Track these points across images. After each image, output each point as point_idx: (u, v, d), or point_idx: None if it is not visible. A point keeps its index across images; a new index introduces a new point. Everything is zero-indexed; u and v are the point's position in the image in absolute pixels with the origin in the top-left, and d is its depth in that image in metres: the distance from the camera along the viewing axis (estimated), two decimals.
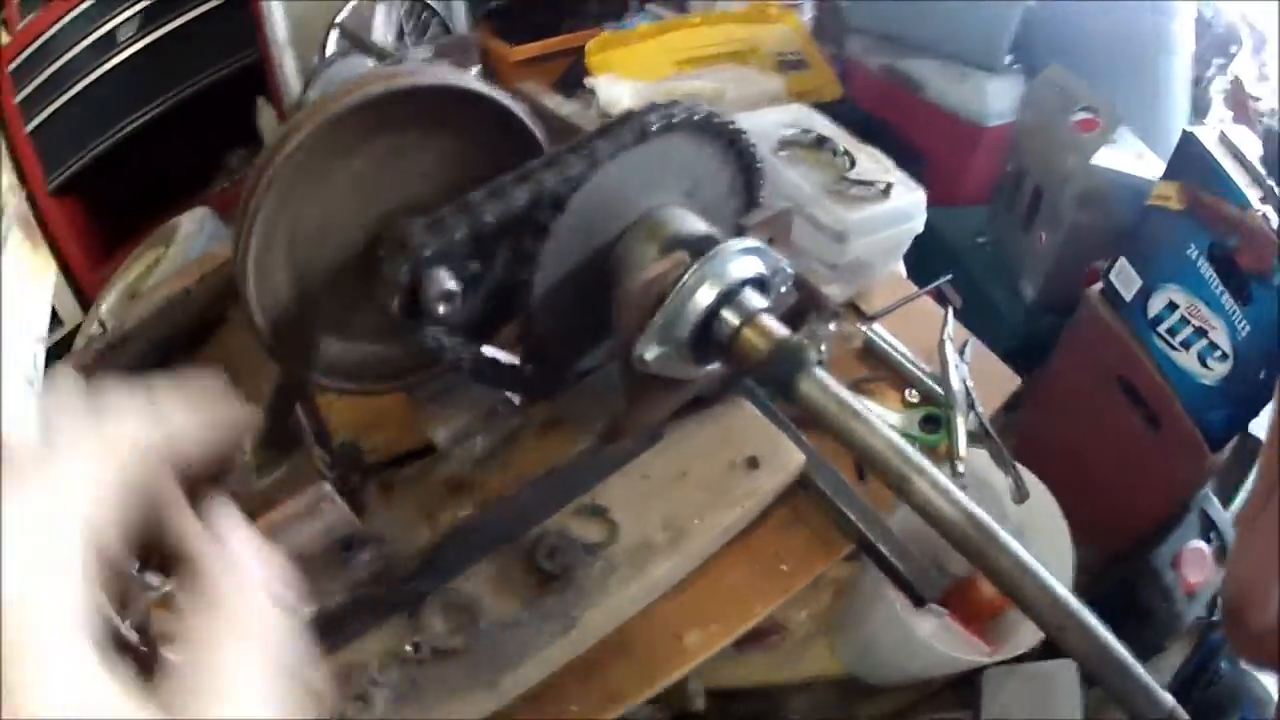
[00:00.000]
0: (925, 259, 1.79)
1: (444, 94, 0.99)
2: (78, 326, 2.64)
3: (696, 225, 1.03)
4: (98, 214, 4.33)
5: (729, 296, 0.96)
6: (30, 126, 3.93)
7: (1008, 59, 2.80)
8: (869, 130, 1.80)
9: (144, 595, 1.08)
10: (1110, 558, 2.09)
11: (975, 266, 2.64)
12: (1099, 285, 2.23)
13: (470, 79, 1.01)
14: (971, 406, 1.46)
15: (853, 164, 1.55)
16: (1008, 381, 1.61)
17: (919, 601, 1.28)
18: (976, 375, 1.51)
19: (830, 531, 1.29)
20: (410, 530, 1.17)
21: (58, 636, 0.40)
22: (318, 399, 1.55)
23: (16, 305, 1.61)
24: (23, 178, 3.95)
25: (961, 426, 1.42)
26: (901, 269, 1.75)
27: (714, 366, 1.05)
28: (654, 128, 0.99)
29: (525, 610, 1.11)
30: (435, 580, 1.15)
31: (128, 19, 4.02)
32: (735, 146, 1.08)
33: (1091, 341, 2.28)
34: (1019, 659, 1.63)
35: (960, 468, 1.37)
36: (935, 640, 1.57)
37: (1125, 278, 2.13)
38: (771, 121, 1.62)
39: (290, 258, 1.02)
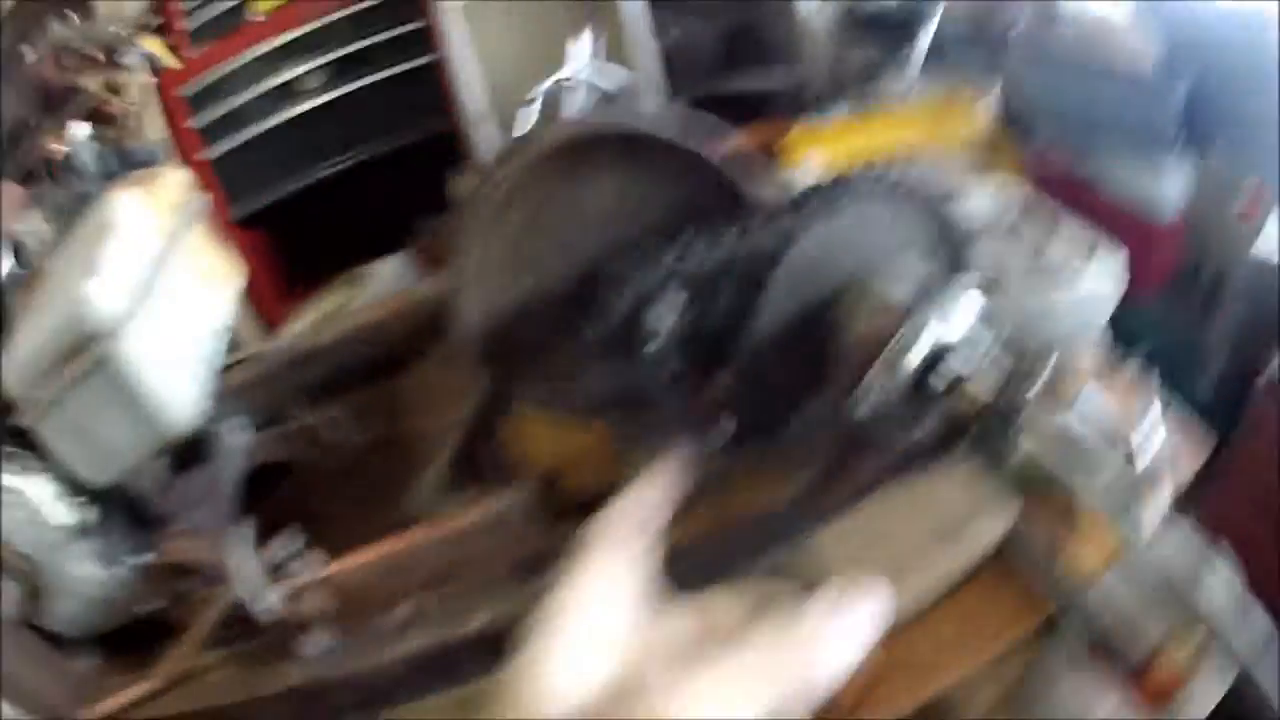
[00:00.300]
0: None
1: (671, 148, 1.02)
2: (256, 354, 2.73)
3: (904, 289, 1.03)
4: (284, 251, 4.51)
5: (943, 356, 0.95)
6: (209, 155, 4.12)
7: (1177, 142, 2.67)
8: None
9: (302, 574, 1.13)
10: None
11: (1164, 372, 2.53)
12: (1268, 378, 2.21)
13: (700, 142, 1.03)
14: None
15: (1048, 246, 1.54)
16: (1205, 441, 1.70)
17: (1125, 664, 1.25)
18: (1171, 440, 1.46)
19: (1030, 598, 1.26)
20: None
21: None
22: (520, 433, 1.60)
23: (194, 288, 1.72)
24: None
25: (1153, 499, 1.38)
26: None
27: (925, 426, 1.04)
28: (843, 199, 1.00)
29: None
30: None
31: (313, 70, 4.18)
32: (932, 208, 1.08)
33: (1268, 436, 2.24)
34: None
35: None
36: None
37: None
38: (967, 206, 1.61)
39: (504, 293, 1.05)
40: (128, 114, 4.09)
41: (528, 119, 3.25)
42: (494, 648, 1.24)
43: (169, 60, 4.18)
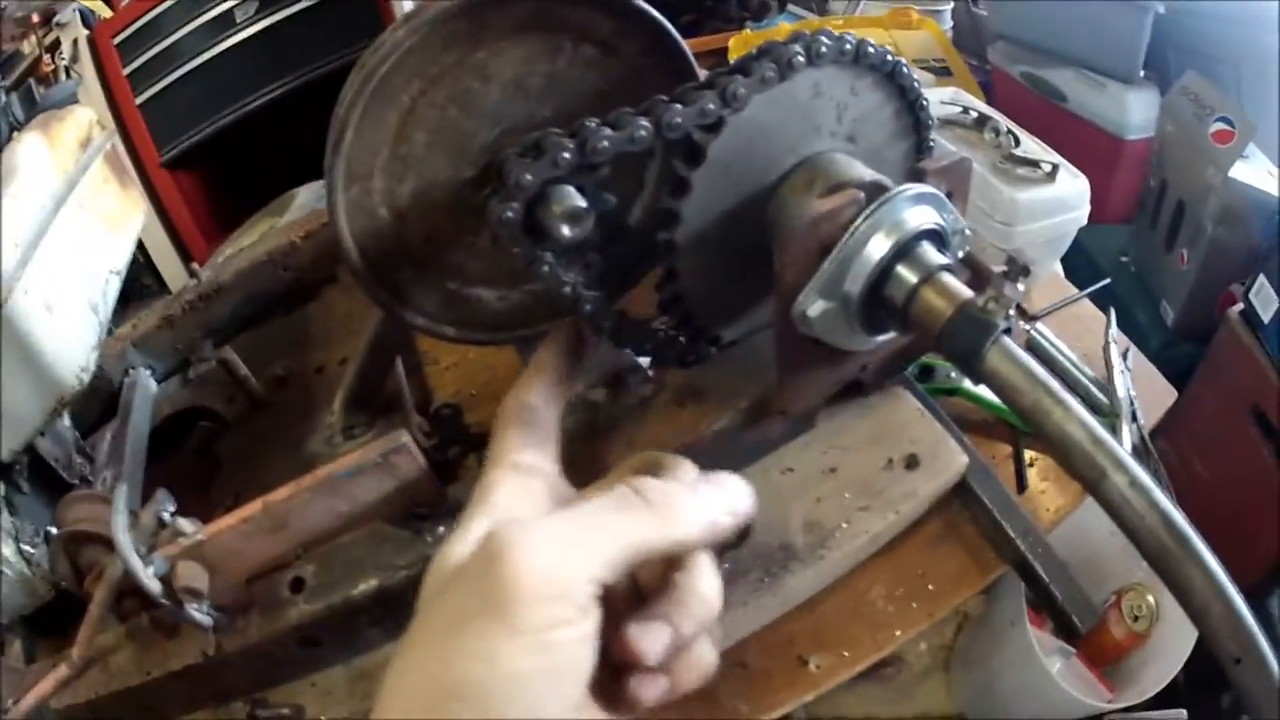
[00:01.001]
0: (1070, 277, 1.67)
1: (601, 2, 0.84)
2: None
3: (864, 172, 0.86)
4: (213, 190, 4.43)
5: (905, 249, 0.78)
6: (140, 99, 4.05)
7: (1143, 70, 2.75)
8: None
9: (175, 541, 1.03)
10: None
11: (1118, 287, 2.50)
12: (1239, 307, 2.11)
13: None
14: (1134, 417, 1.31)
15: (1017, 143, 1.40)
16: (1164, 395, 1.46)
17: (1071, 633, 1.11)
18: (1135, 387, 1.37)
19: (985, 550, 1.13)
20: None
21: None
22: (427, 367, 1.44)
23: (90, 232, 1.58)
24: (132, 149, 4.09)
25: (1128, 438, 1.28)
26: (1060, 269, 1.60)
27: (883, 338, 0.87)
28: (799, 59, 0.83)
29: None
30: None
31: (242, 1, 4.03)
32: (896, 81, 0.91)
33: (1228, 367, 2.17)
34: (1131, 709, 1.53)
35: None
36: (1062, 679, 1.45)
37: (1264, 298, 2.01)
38: (929, 98, 1.46)
39: (390, 175, 0.88)
40: (60, 70, 4.11)
41: None
42: (386, 614, 1.13)
43: (103, 11, 4.21)
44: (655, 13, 0.88)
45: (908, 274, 0.79)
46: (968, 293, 0.78)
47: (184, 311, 1.68)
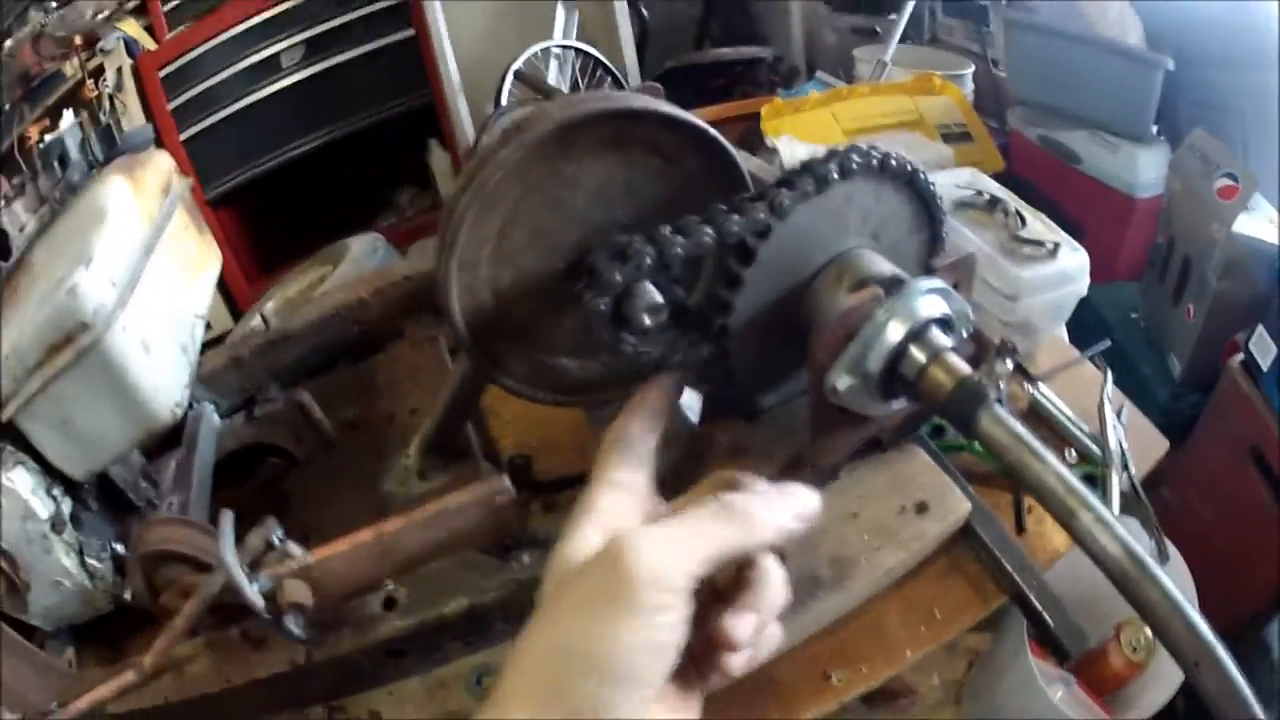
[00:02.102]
0: (1080, 334, 1.81)
1: (667, 123, 1.04)
2: (227, 333, 2.73)
3: (885, 267, 1.06)
4: (256, 231, 4.53)
5: (917, 334, 0.98)
6: (184, 135, 4.12)
7: (1155, 127, 2.85)
8: (1031, 204, 1.82)
9: (284, 562, 1.12)
10: (1225, 632, 2.04)
11: (1128, 342, 2.65)
12: (1240, 356, 2.23)
13: (691, 115, 1.06)
14: (1125, 468, 1.47)
15: (1023, 224, 1.58)
16: (1157, 447, 1.61)
17: (1063, 657, 1.29)
18: (1128, 439, 1.52)
19: (986, 583, 1.31)
20: None
21: None
22: (490, 419, 1.62)
23: (177, 275, 1.69)
24: None
25: (1116, 486, 1.43)
26: (1064, 334, 1.77)
27: (899, 405, 1.07)
28: (834, 175, 1.03)
29: None
30: None
31: (291, 46, 4.17)
32: (915, 186, 1.10)
33: (1229, 413, 2.28)
34: None
35: None
36: (1064, 705, 1.58)
37: (1263, 346, 2.13)
38: (946, 183, 1.65)
39: (494, 265, 1.07)
40: (105, 97, 4.09)
41: (506, 88, 3.32)
42: (471, 630, 1.30)
43: (147, 43, 4.20)
44: (712, 131, 1.07)
45: (918, 354, 0.98)
46: (966, 369, 0.97)
47: (252, 354, 1.81)
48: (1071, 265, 1.56)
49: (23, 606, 1.55)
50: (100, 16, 4.25)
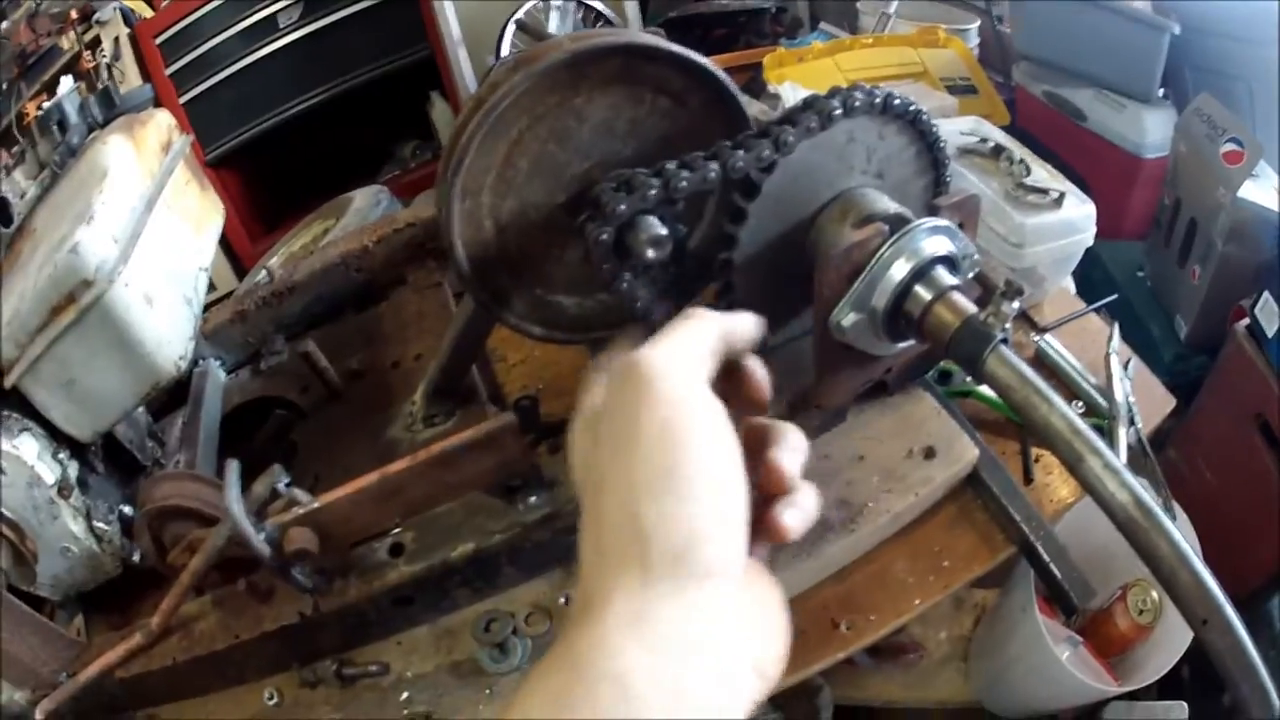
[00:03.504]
0: (1087, 291, 1.82)
1: (675, 62, 1.05)
2: (231, 293, 2.73)
3: (889, 205, 1.06)
4: (258, 190, 4.55)
5: (922, 272, 0.99)
6: (184, 99, 4.12)
7: (1161, 90, 2.86)
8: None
9: (289, 509, 1.12)
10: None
11: (1134, 301, 2.67)
12: (1246, 321, 2.24)
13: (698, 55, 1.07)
14: (1132, 422, 1.47)
15: (1028, 172, 1.58)
16: (1164, 402, 1.61)
17: (1070, 609, 1.30)
18: (1135, 394, 1.52)
19: (994, 533, 1.32)
20: None
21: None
22: (496, 364, 1.63)
23: (179, 230, 1.71)
24: None
25: (1123, 439, 1.43)
26: (1071, 286, 1.77)
27: (905, 345, 1.08)
28: (837, 111, 1.03)
29: None
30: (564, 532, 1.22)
31: (288, 6, 4.15)
32: (917, 127, 1.11)
33: (1234, 379, 2.29)
34: (1134, 696, 1.68)
35: None
36: (1071, 665, 1.58)
37: (1269, 312, 2.14)
38: (950, 130, 1.64)
39: (496, 193, 1.08)
40: (102, 67, 4.07)
41: (508, 38, 3.33)
42: (479, 575, 1.30)
43: (143, 10, 4.23)
44: (719, 71, 1.09)
45: (923, 292, 0.99)
46: (972, 308, 0.98)
47: (256, 307, 1.84)
48: (1078, 215, 1.56)
49: (31, 577, 1.56)
50: None
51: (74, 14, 4.31)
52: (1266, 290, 2.15)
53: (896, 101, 1.08)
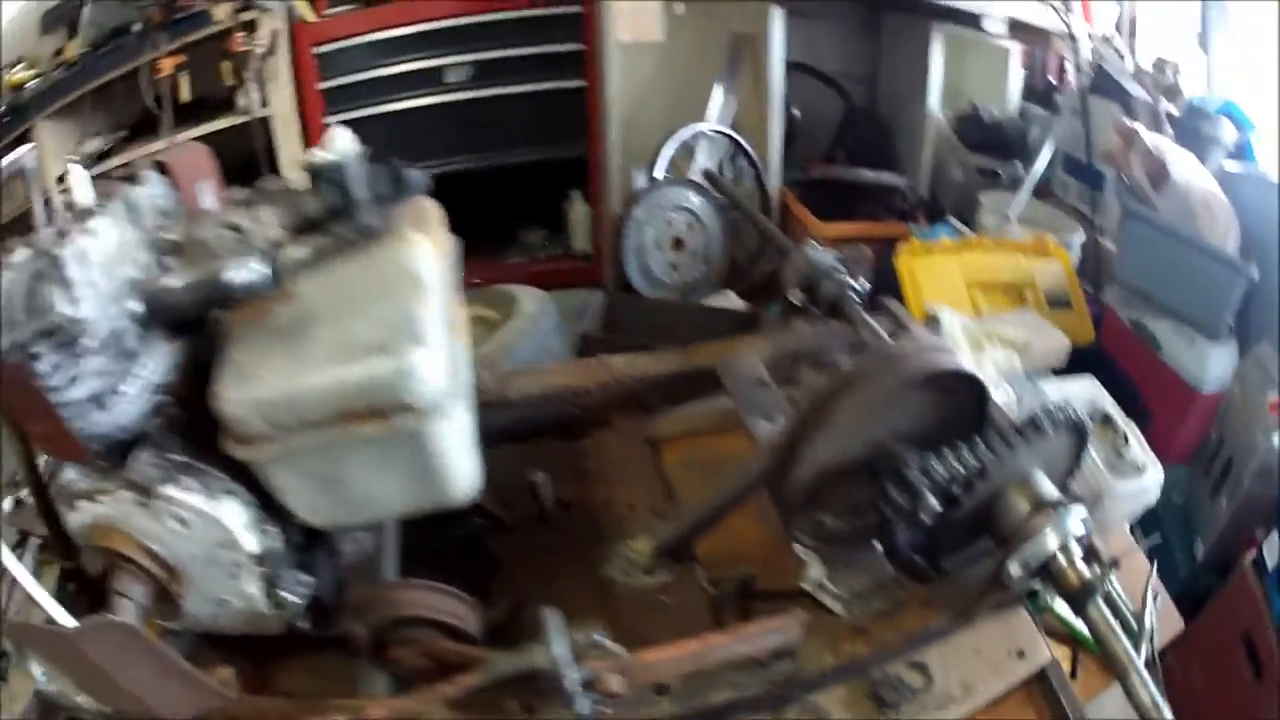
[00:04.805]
0: None
1: (970, 379, 1.75)
2: None
3: (1052, 492, 1.74)
4: None
5: (1064, 545, 1.68)
6: (329, 120, 4.45)
7: (1230, 327, 3.35)
8: (1112, 381, 2.48)
9: (607, 658, 1.64)
10: None
11: (1164, 521, 3.18)
12: (1254, 553, 2.75)
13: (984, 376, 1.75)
14: (1151, 639, 2.12)
15: (1126, 443, 2.26)
16: (1175, 625, 2.28)
17: None
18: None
19: (1046, 712, 1.92)
20: (818, 655, 1.81)
21: None
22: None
23: (458, 343, 1.81)
24: None
25: (1144, 652, 2.07)
26: (1126, 527, 2.45)
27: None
28: (1051, 430, 1.72)
29: None
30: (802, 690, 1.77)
31: (459, 64, 4.46)
32: (1082, 438, 1.81)
33: (1234, 601, 2.79)
34: None
35: None
36: None
37: (1273, 548, 2.65)
38: (1074, 394, 2.34)
39: (820, 452, 1.73)
40: (254, 56, 4.37)
41: (663, 161, 4.03)
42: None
43: (306, 12, 4.41)
44: (989, 390, 1.80)
45: (1062, 560, 1.69)
46: (1088, 575, 1.67)
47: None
48: (1153, 483, 2.22)
49: (173, 616, 1.71)
50: None
51: None
52: (1276, 528, 2.67)
53: (1077, 421, 1.77)
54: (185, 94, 4.58)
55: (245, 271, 1.62)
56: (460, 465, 1.69)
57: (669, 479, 2.20)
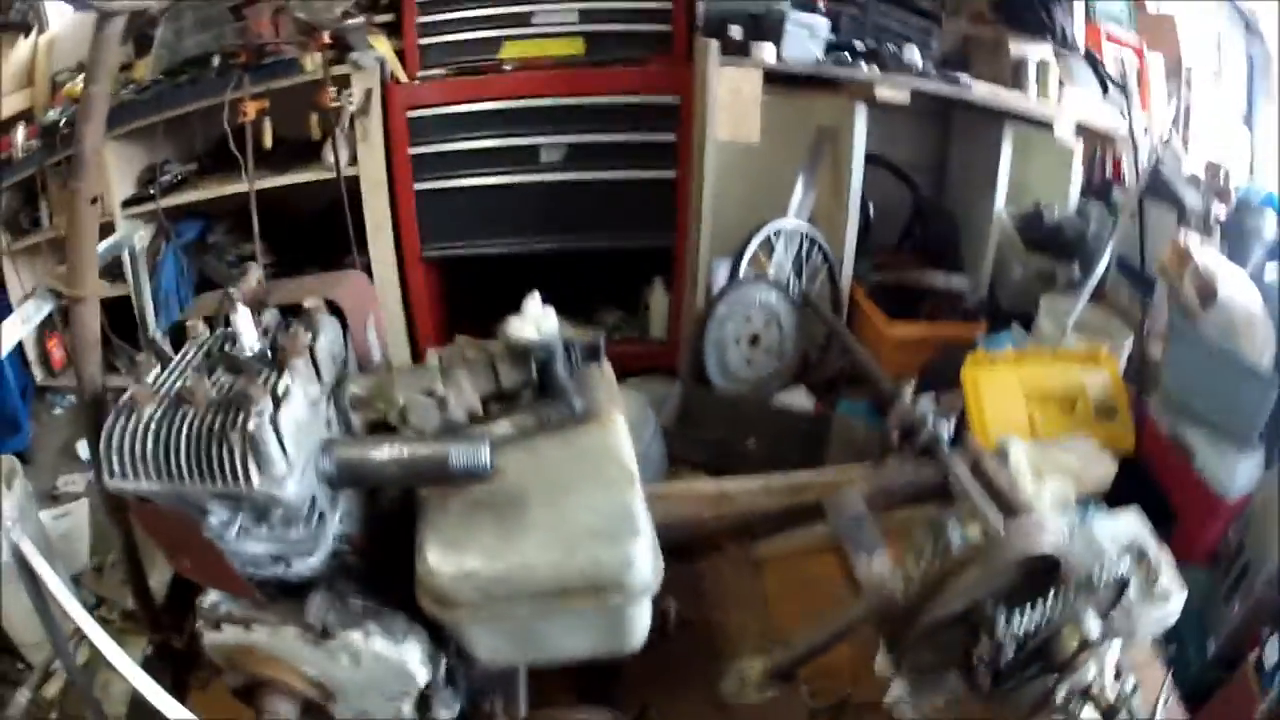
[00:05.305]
0: None
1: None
2: None
3: (1098, 629, 2.17)
4: (454, 291, 5.03)
5: (1103, 672, 2.15)
6: (419, 186, 4.79)
7: (1260, 435, 3.59)
8: (1143, 485, 2.93)
9: None
10: None
11: (1183, 625, 3.21)
12: (1257, 652, 3.05)
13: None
14: None
15: (1159, 576, 2.66)
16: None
17: None
18: None
19: None
20: None
21: None
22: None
23: None
24: (397, 231, 4.69)
25: None
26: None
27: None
28: (1111, 590, 2.20)
29: None
30: None
31: (555, 145, 4.69)
32: (1124, 588, 2.28)
33: (1234, 696, 3.09)
34: None
35: None
36: None
37: (1274, 647, 2.94)
38: (1119, 532, 2.73)
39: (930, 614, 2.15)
40: (346, 113, 4.56)
41: (745, 261, 4.39)
42: None
43: (398, 70, 4.64)
44: (1065, 559, 2.24)
45: (1100, 684, 2.17)
46: (1117, 694, 2.15)
47: None
48: (1178, 606, 2.60)
49: None
50: (349, 20, 4.58)
51: (324, 37, 4.60)
52: (1277, 631, 2.97)
53: (1128, 580, 2.25)
54: (268, 140, 4.77)
55: (468, 457, 1.73)
56: (644, 624, 1.84)
57: (770, 597, 2.51)
